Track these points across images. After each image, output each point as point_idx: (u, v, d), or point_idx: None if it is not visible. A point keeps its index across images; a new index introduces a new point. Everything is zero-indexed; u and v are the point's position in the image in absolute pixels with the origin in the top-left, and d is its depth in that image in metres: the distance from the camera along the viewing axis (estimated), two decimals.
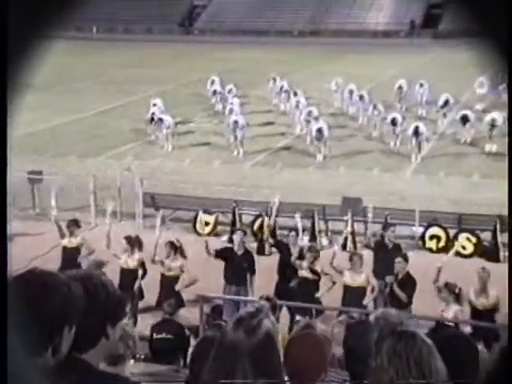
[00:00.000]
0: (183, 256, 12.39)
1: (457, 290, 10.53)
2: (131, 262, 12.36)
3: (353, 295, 11.61)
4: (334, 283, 11.91)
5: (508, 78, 2.03)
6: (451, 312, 10.45)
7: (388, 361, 2.57)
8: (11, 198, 14.51)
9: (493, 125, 22.97)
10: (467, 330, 10.29)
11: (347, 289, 11.75)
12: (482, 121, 24.24)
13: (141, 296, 12.39)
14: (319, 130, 22.91)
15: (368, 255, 13.08)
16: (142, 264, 12.41)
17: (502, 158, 22.58)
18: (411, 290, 11.38)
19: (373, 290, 11.74)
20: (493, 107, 25.89)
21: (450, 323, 10.30)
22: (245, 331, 2.55)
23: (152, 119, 24.93)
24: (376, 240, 13.37)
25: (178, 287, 12.12)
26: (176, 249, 12.33)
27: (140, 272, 12.41)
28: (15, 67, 2.28)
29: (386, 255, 12.56)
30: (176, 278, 12.24)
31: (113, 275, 11.36)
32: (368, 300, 11.57)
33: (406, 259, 11.72)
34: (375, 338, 2.78)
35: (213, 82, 30.20)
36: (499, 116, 23.65)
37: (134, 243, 12.54)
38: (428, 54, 44.23)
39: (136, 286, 12.21)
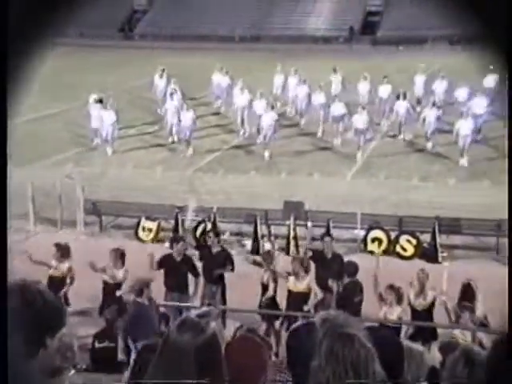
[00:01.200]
0: (123, 263, 12.24)
1: (400, 292, 10.69)
2: (60, 270, 12.25)
3: (296, 300, 11.62)
4: None
5: (508, 79, 2.06)
6: (395, 313, 10.59)
7: (325, 362, 2.58)
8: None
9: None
10: (410, 330, 10.48)
11: (290, 294, 11.77)
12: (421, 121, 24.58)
13: (66, 304, 12.13)
14: (266, 132, 23.37)
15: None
16: (70, 271, 12.31)
17: (440, 160, 23.05)
18: (358, 293, 11.46)
19: (316, 295, 11.76)
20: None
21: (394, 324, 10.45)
22: (191, 331, 2.56)
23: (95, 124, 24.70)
24: (314, 250, 13.37)
25: (119, 292, 11.93)
26: (120, 256, 12.19)
27: (68, 280, 12.31)
28: (14, 77, 2.25)
29: (325, 265, 12.57)
30: (118, 285, 12.09)
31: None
32: (310, 306, 11.57)
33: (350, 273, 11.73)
34: (318, 340, 2.78)
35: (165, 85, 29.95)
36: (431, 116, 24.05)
37: (63, 250, 12.40)
38: (367, 59, 44.81)
39: (61, 293, 11.97)
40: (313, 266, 12.68)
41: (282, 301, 12.01)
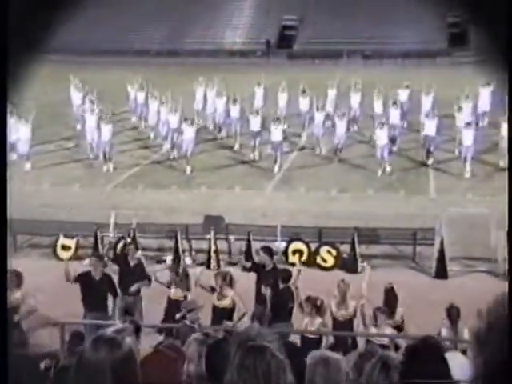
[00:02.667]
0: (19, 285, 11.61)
1: (318, 303, 10.77)
2: None
3: (220, 316, 11.50)
4: None
5: (508, 81, 2.10)
6: (315, 325, 10.68)
7: (237, 375, 2.58)
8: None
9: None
10: (330, 340, 10.58)
11: (215, 309, 11.62)
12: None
13: None
14: (187, 146, 23.34)
15: (239, 275, 13.05)
16: None
17: (358, 171, 23.46)
18: (291, 300, 11.50)
19: (239, 310, 11.69)
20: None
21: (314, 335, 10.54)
22: (107, 347, 2.53)
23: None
24: (254, 262, 13.32)
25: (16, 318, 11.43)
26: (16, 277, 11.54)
27: None
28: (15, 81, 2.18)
29: (266, 275, 12.53)
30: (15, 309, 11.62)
31: None
32: (235, 321, 11.49)
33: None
34: (226, 355, 2.79)
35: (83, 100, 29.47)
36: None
37: None
38: (284, 72, 45.32)
39: None
40: (238, 275, 12.71)
41: (206, 316, 11.92)
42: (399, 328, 10.96)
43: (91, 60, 50.74)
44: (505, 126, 22.96)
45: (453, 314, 10.20)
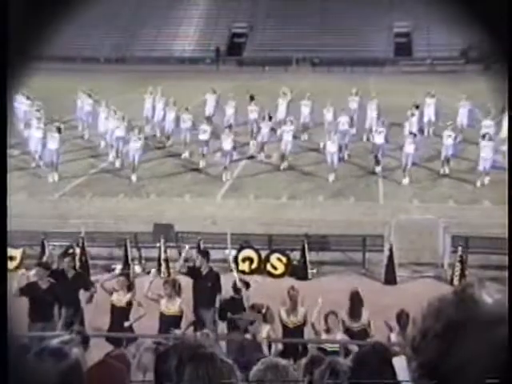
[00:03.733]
0: None
1: (263, 310, 10.79)
2: None
3: (168, 323, 11.48)
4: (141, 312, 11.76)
5: (508, 80, 2.09)
6: (264, 332, 10.67)
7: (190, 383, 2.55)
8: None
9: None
10: (279, 347, 10.58)
11: (162, 317, 11.62)
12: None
13: None
14: (134, 155, 23.16)
15: (186, 281, 13.04)
16: None
17: (308, 178, 23.57)
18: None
19: (187, 317, 11.71)
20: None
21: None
22: (53, 358, 2.48)
23: None
24: (189, 266, 13.36)
25: None
26: None
27: None
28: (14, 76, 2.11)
29: (201, 281, 12.62)
30: None
31: None
32: (184, 329, 11.49)
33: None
34: (175, 363, 2.75)
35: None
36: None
37: None
38: (234, 80, 45.37)
39: None
40: (190, 282, 12.71)
41: (154, 324, 11.82)
42: (366, 331, 11.05)
43: (38, 66, 50.07)
44: (447, 135, 23.39)
45: (402, 319, 10.30)
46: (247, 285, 11.95)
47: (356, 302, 11.27)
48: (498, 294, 1.11)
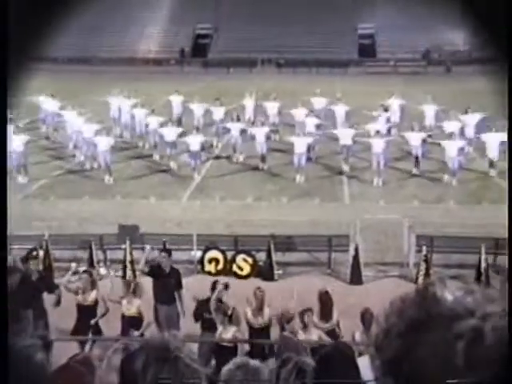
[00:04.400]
0: None
1: (229, 312, 10.80)
2: None
3: (129, 324, 11.48)
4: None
5: (508, 80, 2.10)
6: (229, 333, 10.67)
7: None
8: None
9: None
10: (245, 348, 10.59)
11: (123, 318, 11.64)
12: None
13: None
14: (104, 156, 23.05)
15: (148, 282, 13.06)
16: None
17: (273, 179, 23.61)
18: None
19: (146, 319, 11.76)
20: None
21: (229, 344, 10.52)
22: (18, 362, 2.44)
23: None
24: (152, 265, 13.39)
25: None
26: None
27: None
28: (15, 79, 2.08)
29: (163, 280, 12.67)
30: None
31: None
32: (143, 329, 11.51)
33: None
34: (141, 365, 2.73)
35: None
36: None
37: None
38: (199, 81, 45.28)
39: None
40: (150, 281, 12.75)
41: (116, 325, 11.79)
42: (334, 331, 11.09)
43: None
44: (413, 136, 23.64)
45: (367, 318, 10.36)
46: (226, 286, 11.93)
47: (326, 302, 11.29)
48: (458, 292, 1.13)
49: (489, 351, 1.02)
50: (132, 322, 11.47)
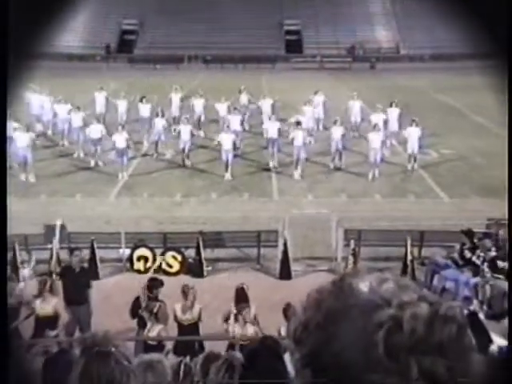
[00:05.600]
0: None
1: (155, 310, 10.76)
2: None
3: (44, 324, 11.33)
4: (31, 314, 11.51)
5: (508, 79, 2.08)
6: (155, 331, 10.64)
7: (79, 382, 2.50)
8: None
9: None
10: (170, 346, 10.55)
11: (37, 318, 11.47)
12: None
13: None
14: (25, 154, 22.63)
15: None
16: None
17: (202, 176, 23.55)
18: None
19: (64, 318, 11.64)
20: None
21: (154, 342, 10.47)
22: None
23: None
24: (63, 266, 13.26)
25: None
26: None
27: None
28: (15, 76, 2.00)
29: (73, 279, 12.54)
30: None
31: None
32: (59, 329, 11.39)
33: None
34: (75, 361, 2.69)
35: None
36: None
37: None
38: (125, 78, 44.78)
39: None
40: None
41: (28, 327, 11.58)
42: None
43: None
44: (337, 130, 23.92)
45: (289, 312, 10.47)
46: (161, 283, 11.84)
47: (241, 298, 11.35)
48: (374, 282, 1.14)
49: (408, 339, 1.03)
50: (47, 322, 11.28)
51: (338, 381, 1.06)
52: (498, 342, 5.27)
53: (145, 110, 27.78)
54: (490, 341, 5.23)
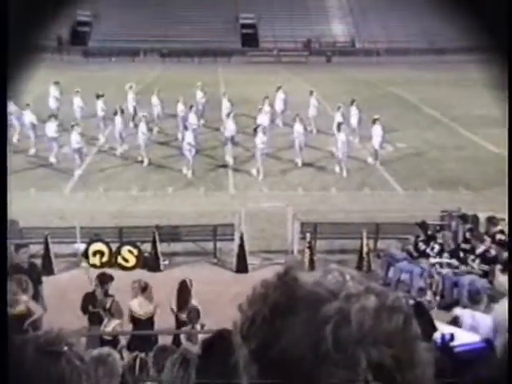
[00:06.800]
0: None
1: (108, 305, 10.69)
2: None
3: (15, 323, 11.13)
4: None
5: (508, 78, 2.08)
6: (110, 327, 10.57)
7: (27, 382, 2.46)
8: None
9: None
10: (127, 340, 10.49)
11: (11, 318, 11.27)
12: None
13: None
14: None
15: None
16: None
17: (158, 171, 23.41)
18: None
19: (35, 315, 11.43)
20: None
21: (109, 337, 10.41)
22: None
23: None
24: (10, 264, 13.09)
25: None
26: None
27: None
28: (14, 74, 1.96)
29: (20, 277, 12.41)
30: None
31: None
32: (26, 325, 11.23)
33: None
34: (30, 362, 2.65)
35: None
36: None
37: None
38: (79, 71, 44.25)
39: None
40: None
41: None
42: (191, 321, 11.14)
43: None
44: (297, 127, 23.96)
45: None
46: (110, 278, 11.73)
47: (183, 291, 11.33)
48: (319, 274, 1.14)
49: (356, 331, 1.03)
50: (20, 321, 11.10)
51: (286, 376, 1.06)
52: (443, 329, 5.42)
53: (100, 105, 27.42)
54: (435, 329, 5.38)
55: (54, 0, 2.53)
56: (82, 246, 16.30)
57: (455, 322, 8.22)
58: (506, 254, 13.53)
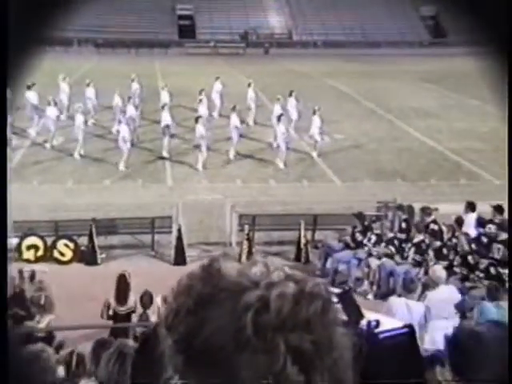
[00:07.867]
0: None
1: (42, 302, 10.60)
2: None
3: None
4: None
5: (508, 77, 2.04)
6: (45, 322, 10.47)
7: None
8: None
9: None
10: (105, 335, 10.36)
11: None
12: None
13: None
14: None
15: None
16: None
17: (95, 164, 23.10)
18: None
19: None
20: None
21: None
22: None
23: None
24: None
25: None
26: None
27: None
28: (15, 72, 1.89)
29: None
30: None
31: None
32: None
33: None
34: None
35: None
36: None
37: None
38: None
39: None
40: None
41: None
42: (130, 315, 11.06)
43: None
44: (234, 119, 23.89)
45: (145, 300, 10.65)
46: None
47: (122, 285, 11.24)
48: (242, 265, 1.16)
49: (275, 318, 1.05)
50: None
51: (209, 365, 1.07)
52: (370, 316, 5.60)
53: (32, 96, 26.65)
54: (362, 316, 5.53)
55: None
56: (14, 241, 15.91)
57: (389, 310, 8.37)
58: (438, 243, 13.83)
